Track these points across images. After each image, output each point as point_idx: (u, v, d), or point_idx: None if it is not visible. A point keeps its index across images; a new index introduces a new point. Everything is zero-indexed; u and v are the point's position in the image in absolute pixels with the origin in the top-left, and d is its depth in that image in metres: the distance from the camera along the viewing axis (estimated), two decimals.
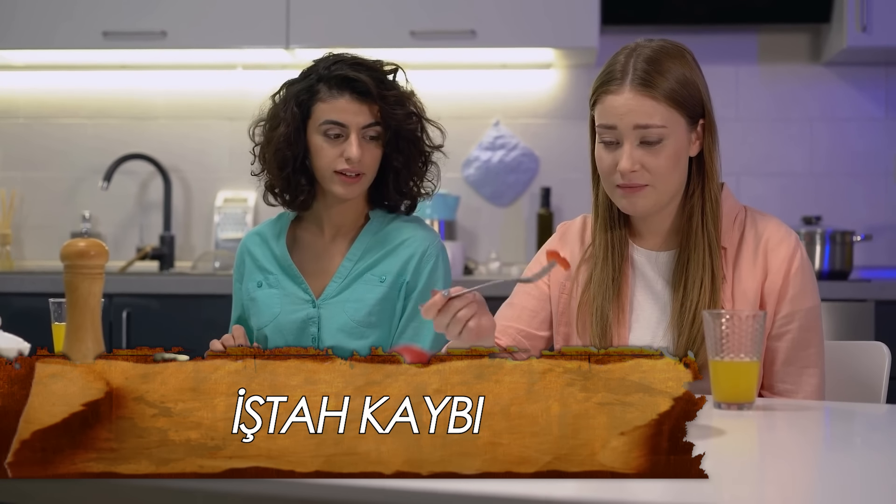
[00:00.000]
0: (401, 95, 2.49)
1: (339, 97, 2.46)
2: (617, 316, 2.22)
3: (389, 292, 2.52)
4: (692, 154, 2.20)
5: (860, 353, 2.38)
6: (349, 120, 2.46)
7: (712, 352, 1.88)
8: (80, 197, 4.73)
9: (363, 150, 2.46)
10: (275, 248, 2.60)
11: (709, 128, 2.20)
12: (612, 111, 2.14)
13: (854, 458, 1.55)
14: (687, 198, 2.22)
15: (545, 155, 4.59)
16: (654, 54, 2.16)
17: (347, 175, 2.48)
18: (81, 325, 1.86)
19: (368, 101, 2.46)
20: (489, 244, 4.60)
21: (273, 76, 4.56)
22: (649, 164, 2.13)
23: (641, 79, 2.12)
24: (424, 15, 4.23)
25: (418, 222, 2.62)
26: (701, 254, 2.17)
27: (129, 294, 3.97)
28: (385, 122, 2.47)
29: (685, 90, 2.15)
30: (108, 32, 4.29)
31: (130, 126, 4.72)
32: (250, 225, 4.57)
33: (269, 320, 2.55)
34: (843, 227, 4.18)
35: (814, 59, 4.49)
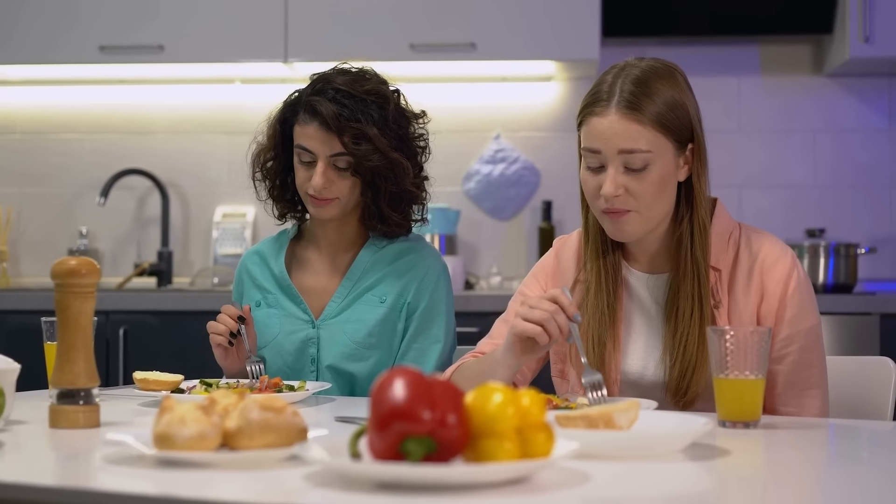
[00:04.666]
0: (361, 132, 2.37)
1: (309, 124, 2.41)
2: (612, 339, 2.18)
3: (390, 313, 2.48)
4: (680, 179, 2.15)
5: (866, 368, 2.34)
6: (316, 148, 2.41)
7: (716, 369, 1.85)
8: (76, 213, 4.70)
9: (330, 179, 2.41)
10: (273, 266, 2.56)
11: (698, 152, 2.14)
12: (596, 134, 2.09)
13: (862, 477, 1.52)
14: (676, 222, 2.17)
15: (546, 168, 4.56)
16: (643, 75, 2.10)
17: (317, 198, 2.44)
18: (73, 346, 1.83)
19: (337, 133, 2.39)
20: (490, 258, 4.57)
21: (272, 90, 4.58)
22: (634, 190, 2.08)
23: (627, 101, 2.07)
24: (424, 27, 4.20)
25: (419, 241, 2.57)
26: (689, 284, 2.13)
27: (126, 311, 3.94)
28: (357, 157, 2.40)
29: (673, 113, 2.09)
30: (104, 46, 4.28)
31: (128, 141, 4.69)
32: (249, 240, 4.54)
33: (268, 341, 2.51)
34: (846, 239, 4.15)
35: (816, 70, 4.47)
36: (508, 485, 1.33)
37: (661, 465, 1.51)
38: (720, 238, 2.18)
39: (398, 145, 2.43)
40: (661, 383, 2.16)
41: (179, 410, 1.49)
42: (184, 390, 2.19)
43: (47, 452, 1.70)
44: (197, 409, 1.49)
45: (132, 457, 1.53)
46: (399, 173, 2.42)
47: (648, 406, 1.95)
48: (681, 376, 2.12)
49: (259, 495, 1.34)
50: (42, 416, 1.87)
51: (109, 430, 1.77)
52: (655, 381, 2.16)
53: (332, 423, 1.91)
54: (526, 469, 1.35)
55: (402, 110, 2.48)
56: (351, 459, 1.36)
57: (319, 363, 2.47)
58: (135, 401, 2.21)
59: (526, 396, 1.36)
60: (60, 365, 1.83)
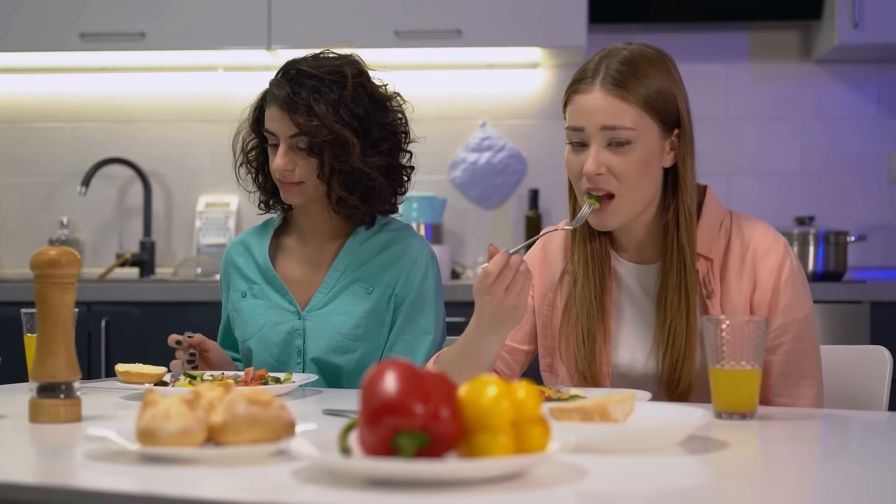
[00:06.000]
0: (311, 108, 2.34)
1: (271, 106, 2.40)
2: (602, 333, 2.15)
3: (377, 304, 2.43)
4: (666, 165, 2.11)
5: (859, 358, 2.32)
6: (277, 129, 2.39)
7: (712, 359, 1.82)
8: (57, 202, 4.65)
9: (292, 160, 2.37)
10: (258, 256, 2.52)
11: (684, 138, 2.11)
12: (580, 111, 2.06)
13: (861, 469, 1.49)
14: (663, 210, 2.14)
15: (533, 156, 4.53)
16: (632, 56, 2.08)
17: (283, 183, 2.40)
18: (53, 338, 1.80)
19: (289, 112, 2.37)
20: (477, 247, 4.53)
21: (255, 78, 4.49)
22: (616, 168, 2.04)
23: (613, 78, 2.04)
24: (409, 14, 4.17)
25: (407, 230, 2.53)
26: (676, 274, 2.09)
27: (108, 302, 3.90)
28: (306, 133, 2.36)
29: (660, 96, 2.06)
30: (85, 34, 4.23)
31: (109, 130, 4.65)
32: (233, 230, 4.50)
33: (254, 332, 2.47)
34: (836, 227, 4.14)
35: (805, 56, 4.45)
36: (504, 480, 1.30)
37: (659, 459, 1.48)
38: (711, 226, 2.14)
39: (352, 123, 2.37)
40: (652, 376, 2.13)
41: (163, 404, 1.45)
42: (167, 383, 2.15)
43: (27, 448, 1.67)
44: (181, 403, 1.45)
45: (115, 453, 1.49)
46: (347, 149, 2.36)
47: (642, 397, 1.92)
48: (671, 368, 2.08)
49: (246, 492, 1.30)
50: (22, 410, 1.83)
51: (91, 424, 1.73)
52: (646, 374, 2.13)
53: (320, 417, 1.87)
54: (522, 464, 1.31)
55: (365, 90, 2.42)
56: (341, 455, 1.32)
57: (305, 355, 2.43)
58: (117, 394, 2.17)
59: (521, 389, 1.33)
60: (41, 358, 1.79)
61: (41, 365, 1.79)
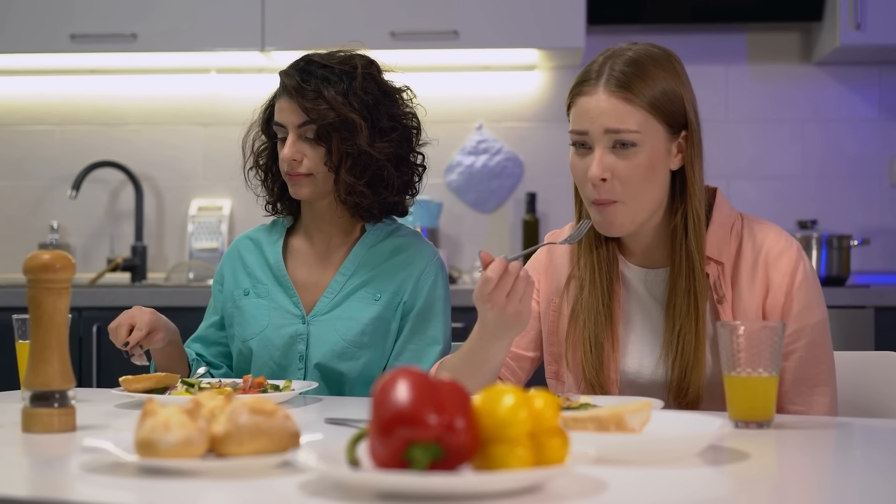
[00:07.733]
0: (319, 93, 2.31)
1: (281, 97, 2.38)
2: (610, 339, 2.09)
3: (384, 311, 2.38)
4: (673, 168, 2.06)
5: (870, 364, 2.29)
6: (286, 119, 2.36)
7: (727, 367, 1.77)
8: (47, 206, 4.61)
9: (300, 151, 2.34)
10: (269, 255, 2.47)
11: (691, 140, 2.06)
12: (583, 114, 2.01)
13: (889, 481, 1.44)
14: (671, 214, 2.08)
15: (530, 159, 4.49)
16: (637, 56, 2.03)
17: (291, 175, 2.36)
18: (47, 344, 1.75)
19: (298, 99, 2.34)
20: (473, 252, 4.50)
21: (248, 80, 4.49)
22: (621, 173, 1.99)
23: (617, 80, 1.99)
24: (405, 15, 4.13)
25: (417, 237, 2.48)
26: (684, 280, 2.04)
27: (99, 308, 3.85)
28: (315, 120, 2.33)
29: (666, 97, 2.02)
30: (75, 35, 4.19)
31: (100, 132, 4.60)
32: (225, 234, 4.45)
33: (256, 333, 2.41)
34: (838, 231, 4.11)
35: (805, 58, 4.43)
36: (521, 494, 1.25)
37: (679, 471, 1.43)
38: (722, 229, 2.09)
39: (361, 110, 2.34)
40: (661, 383, 2.08)
41: (163, 414, 1.39)
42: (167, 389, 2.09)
43: (19, 459, 1.61)
44: (182, 412, 1.40)
45: (112, 464, 1.44)
46: (354, 133, 2.32)
47: (655, 406, 1.86)
48: (681, 376, 2.04)
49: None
50: (14, 419, 1.78)
51: (86, 434, 1.69)
52: (654, 381, 2.08)
53: (323, 426, 1.82)
54: (540, 477, 1.26)
55: (375, 80, 2.39)
56: (349, 467, 1.27)
57: (308, 360, 2.37)
58: (111, 402, 2.11)
59: (539, 398, 1.27)
60: (34, 365, 1.75)
61: (34, 373, 1.74)
